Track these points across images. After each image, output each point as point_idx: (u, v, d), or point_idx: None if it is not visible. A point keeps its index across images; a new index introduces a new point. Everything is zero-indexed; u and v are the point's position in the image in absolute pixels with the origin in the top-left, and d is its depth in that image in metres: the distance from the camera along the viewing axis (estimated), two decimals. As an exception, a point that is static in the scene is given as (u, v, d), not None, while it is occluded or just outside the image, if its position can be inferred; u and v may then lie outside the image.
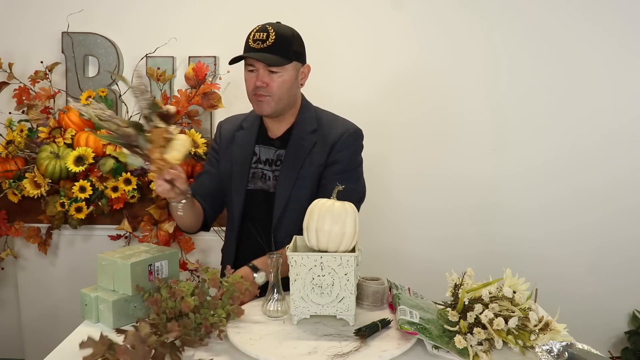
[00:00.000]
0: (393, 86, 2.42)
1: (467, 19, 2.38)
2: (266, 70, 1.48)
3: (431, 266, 2.24)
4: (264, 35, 1.46)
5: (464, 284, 1.24)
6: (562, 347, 1.09)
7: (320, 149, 1.56)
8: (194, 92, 2.25)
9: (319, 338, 1.19)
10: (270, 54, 1.46)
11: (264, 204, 1.59)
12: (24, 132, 2.22)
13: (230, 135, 1.66)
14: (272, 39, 1.46)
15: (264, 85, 1.49)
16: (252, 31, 1.50)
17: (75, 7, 2.34)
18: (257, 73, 1.49)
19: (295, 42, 1.51)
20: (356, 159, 1.61)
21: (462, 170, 2.45)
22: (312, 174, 1.55)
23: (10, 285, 2.51)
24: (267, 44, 1.46)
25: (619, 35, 2.35)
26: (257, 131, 1.63)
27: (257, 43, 1.46)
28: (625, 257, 2.45)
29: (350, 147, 1.58)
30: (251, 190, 1.60)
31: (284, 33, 1.49)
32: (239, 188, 1.60)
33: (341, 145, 1.56)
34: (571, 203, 2.44)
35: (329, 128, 1.58)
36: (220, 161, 1.67)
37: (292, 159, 1.55)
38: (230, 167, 1.63)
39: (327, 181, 1.55)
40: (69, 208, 2.11)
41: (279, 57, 1.47)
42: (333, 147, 1.55)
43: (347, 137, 1.57)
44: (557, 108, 2.41)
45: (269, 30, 1.47)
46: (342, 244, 1.25)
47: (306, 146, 1.55)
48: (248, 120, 1.67)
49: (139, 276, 1.30)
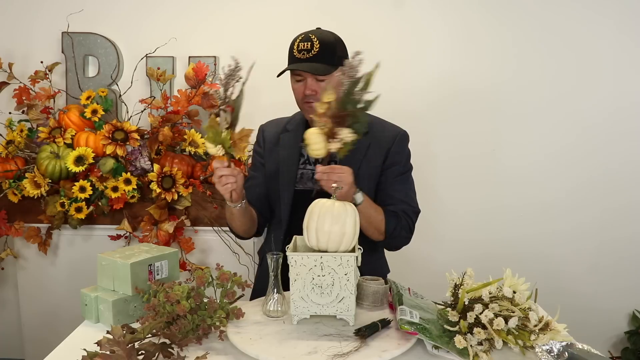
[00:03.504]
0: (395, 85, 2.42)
1: (469, 18, 2.38)
2: (314, 79, 1.51)
3: (431, 266, 2.24)
4: (308, 45, 1.49)
5: (464, 284, 1.24)
6: (562, 347, 1.09)
7: (375, 152, 1.59)
8: (194, 92, 2.25)
9: (319, 338, 1.19)
10: (316, 62, 1.49)
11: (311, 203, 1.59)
12: (24, 132, 2.23)
13: (276, 138, 1.68)
14: (316, 48, 1.49)
15: (313, 94, 1.52)
16: (295, 41, 1.52)
17: (75, 7, 2.35)
18: (305, 82, 1.52)
19: (339, 46, 1.54)
20: (409, 161, 1.66)
21: (462, 170, 2.45)
22: (369, 175, 1.58)
23: (10, 285, 2.51)
24: (313, 53, 1.49)
25: (622, 32, 2.35)
26: (302, 133, 1.63)
27: (302, 53, 1.50)
28: (625, 257, 2.46)
29: (405, 149, 1.64)
30: (300, 191, 1.61)
31: (327, 40, 1.51)
32: (287, 188, 1.62)
33: (396, 147, 1.61)
34: (571, 203, 2.44)
35: (380, 131, 1.61)
36: (266, 163, 1.68)
37: (348, 160, 1.51)
38: (277, 168, 1.65)
39: (386, 185, 1.59)
40: (69, 208, 2.11)
41: (325, 66, 1.50)
42: (389, 150, 1.60)
43: (400, 140, 1.62)
44: (556, 106, 2.40)
45: (312, 39, 1.50)
46: (342, 244, 1.25)
47: (361, 148, 1.55)
48: (292, 122, 1.69)
49: (138, 276, 1.30)
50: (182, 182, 2.12)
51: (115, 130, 2.15)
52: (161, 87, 2.33)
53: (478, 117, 2.43)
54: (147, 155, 2.16)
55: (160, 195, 2.11)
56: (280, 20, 2.33)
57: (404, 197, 1.60)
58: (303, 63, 1.50)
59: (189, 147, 2.20)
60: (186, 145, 2.21)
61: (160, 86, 2.33)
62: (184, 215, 2.17)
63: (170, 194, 2.11)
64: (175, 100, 2.26)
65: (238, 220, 1.57)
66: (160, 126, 2.21)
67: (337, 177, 1.35)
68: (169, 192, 2.11)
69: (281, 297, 1.31)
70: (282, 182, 1.63)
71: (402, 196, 1.59)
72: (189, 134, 2.21)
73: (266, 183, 1.67)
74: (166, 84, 2.35)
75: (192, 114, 2.27)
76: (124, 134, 2.15)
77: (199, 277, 1.26)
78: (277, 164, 1.65)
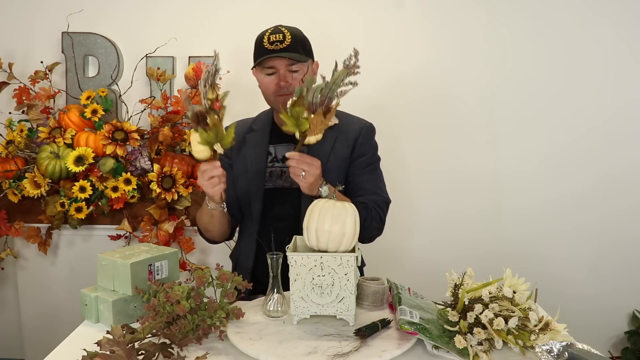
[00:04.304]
0: (390, 85, 2.42)
1: (467, 17, 2.39)
2: (286, 70, 1.51)
3: (431, 266, 2.24)
4: (280, 37, 1.49)
5: (464, 284, 1.24)
6: (562, 347, 1.09)
7: (342, 144, 1.60)
8: (194, 92, 2.25)
9: (319, 338, 1.19)
10: (290, 52, 1.49)
11: (286, 201, 1.60)
12: (24, 132, 2.22)
13: (241, 139, 1.66)
14: (288, 38, 1.49)
15: (287, 85, 1.51)
16: (264, 34, 1.51)
17: (75, 7, 2.34)
18: (278, 74, 1.52)
19: (307, 40, 1.56)
20: (377, 153, 1.67)
21: (462, 171, 2.45)
22: (338, 168, 1.59)
23: (10, 285, 2.51)
24: (286, 43, 1.49)
25: (621, 34, 2.35)
26: (269, 131, 1.65)
27: (275, 44, 1.49)
28: (625, 257, 2.45)
29: (371, 140, 1.65)
30: (270, 190, 1.61)
31: (296, 32, 1.53)
32: (257, 189, 1.61)
33: (362, 139, 1.62)
34: (571, 203, 2.44)
35: (346, 124, 1.61)
36: (234, 164, 1.67)
37: (316, 153, 1.51)
38: (244, 169, 1.64)
39: (355, 176, 1.61)
40: (69, 208, 2.11)
41: (300, 55, 1.50)
42: (356, 142, 1.61)
43: (367, 132, 1.63)
44: (557, 108, 2.40)
45: (283, 31, 1.50)
46: (342, 244, 1.25)
47: (329, 141, 1.56)
48: (258, 122, 1.68)
49: (138, 276, 1.30)
50: (182, 182, 2.12)
51: (115, 130, 2.15)
52: (161, 87, 2.33)
53: (478, 117, 2.43)
54: (147, 155, 2.16)
55: (160, 195, 2.11)
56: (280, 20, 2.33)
57: (374, 188, 1.61)
58: (280, 52, 1.49)
59: (189, 147, 2.20)
60: (186, 145, 2.21)
61: (160, 86, 2.33)
62: (184, 215, 2.18)
63: (170, 194, 2.11)
64: (175, 100, 2.26)
65: (218, 222, 1.57)
66: (160, 126, 2.22)
67: (305, 166, 1.37)
68: (169, 192, 2.11)
69: (281, 297, 1.31)
70: (251, 182, 1.62)
71: (372, 187, 1.61)
72: (189, 134, 2.21)
73: (235, 184, 1.66)
74: (166, 84, 2.35)
75: (192, 114, 2.27)
76: (124, 134, 2.15)
77: (199, 277, 1.26)
78: (245, 164, 1.64)
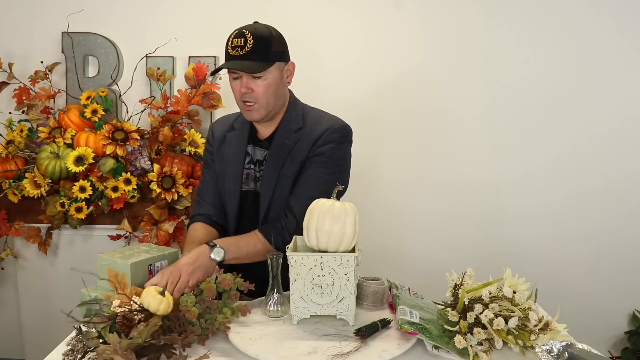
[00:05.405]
0: (389, 86, 2.42)
1: (466, 17, 2.38)
2: (249, 77, 1.44)
3: (431, 266, 2.24)
4: (241, 42, 1.41)
5: (464, 284, 1.24)
6: (562, 347, 1.09)
7: (302, 146, 1.52)
8: (194, 92, 2.25)
9: (319, 338, 1.19)
10: (250, 60, 1.41)
11: (253, 204, 1.58)
12: (24, 132, 2.23)
13: (222, 136, 1.64)
14: (250, 43, 1.40)
15: (249, 92, 1.45)
16: (229, 37, 1.45)
17: (75, 7, 2.34)
18: (241, 80, 1.46)
19: (275, 42, 1.45)
20: (339, 152, 1.54)
21: (462, 172, 2.45)
22: (293, 173, 1.52)
23: (10, 285, 2.51)
24: (246, 49, 1.40)
25: (622, 35, 2.35)
26: (248, 132, 1.60)
27: (236, 50, 1.41)
28: (625, 257, 2.45)
29: (334, 142, 1.52)
30: (245, 192, 1.59)
31: (262, 35, 1.43)
32: (234, 189, 1.59)
33: (324, 140, 1.51)
34: (572, 204, 2.44)
35: (314, 125, 1.54)
36: (215, 162, 1.65)
37: (274, 158, 1.52)
38: (223, 168, 1.62)
39: (305, 173, 1.51)
40: (69, 208, 2.11)
41: (259, 63, 1.42)
42: (315, 142, 1.51)
43: (332, 133, 1.52)
44: (557, 109, 2.40)
45: (246, 35, 1.41)
46: (342, 244, 1.25)
47: (289, 144, 1.52)
48: (239, 121, 1.64)
49: (139, 276, 1.30)
50: (182, 182, 2.12)
51: (115, 130, 2.15)
52: (161, 87, 2.33)
53: (476, 118, 2.43)
54: (147, 155, 2.16)
55: (160, 195, 2.11)
56: (280, 20, 2.33)
57: (302, 192, 1.49)
58: (236, 61, 1.42)
59: (189, 147, 2.20)
60: (186, 145, 2.21)
61: (160, 86, 2.33)
62: (184, 215, 2.17)
63: (170, 194, 2.11)
64: (175, 100, 2.26)
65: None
66: (160, 126, 2.21)
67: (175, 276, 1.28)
68: (169, 192, 2.11)
69: (281, 297, 1.31)
70: (228, 182, 1.59)
71: (301, 190, 1.50)
72: (189, 134, 2.21)
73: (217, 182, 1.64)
74: (166, 84, 2.35)
75: (192, 114, 2.27)
76: (124, 134, 2.15)
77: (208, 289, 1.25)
78: (223, 164, 1.61)
